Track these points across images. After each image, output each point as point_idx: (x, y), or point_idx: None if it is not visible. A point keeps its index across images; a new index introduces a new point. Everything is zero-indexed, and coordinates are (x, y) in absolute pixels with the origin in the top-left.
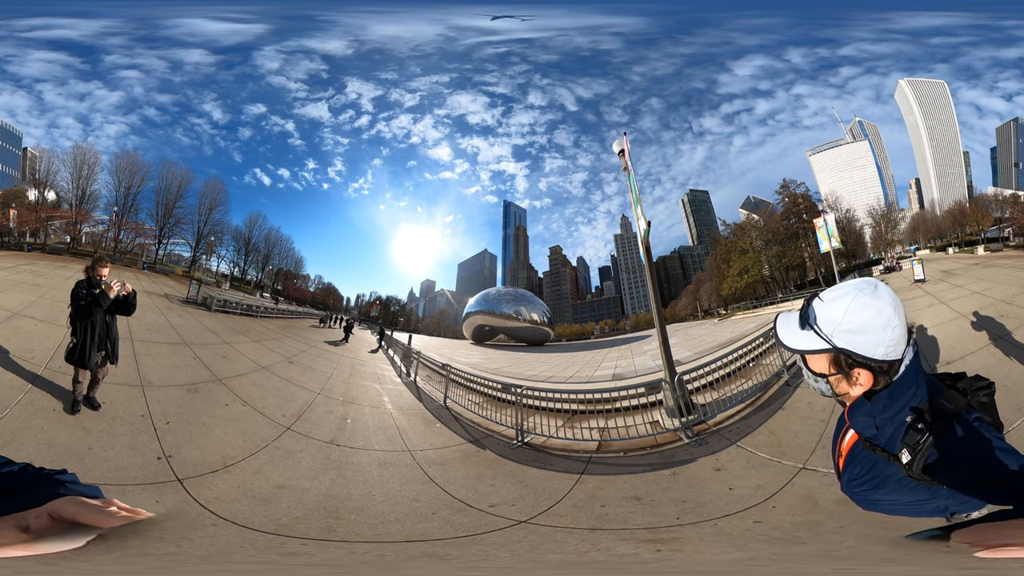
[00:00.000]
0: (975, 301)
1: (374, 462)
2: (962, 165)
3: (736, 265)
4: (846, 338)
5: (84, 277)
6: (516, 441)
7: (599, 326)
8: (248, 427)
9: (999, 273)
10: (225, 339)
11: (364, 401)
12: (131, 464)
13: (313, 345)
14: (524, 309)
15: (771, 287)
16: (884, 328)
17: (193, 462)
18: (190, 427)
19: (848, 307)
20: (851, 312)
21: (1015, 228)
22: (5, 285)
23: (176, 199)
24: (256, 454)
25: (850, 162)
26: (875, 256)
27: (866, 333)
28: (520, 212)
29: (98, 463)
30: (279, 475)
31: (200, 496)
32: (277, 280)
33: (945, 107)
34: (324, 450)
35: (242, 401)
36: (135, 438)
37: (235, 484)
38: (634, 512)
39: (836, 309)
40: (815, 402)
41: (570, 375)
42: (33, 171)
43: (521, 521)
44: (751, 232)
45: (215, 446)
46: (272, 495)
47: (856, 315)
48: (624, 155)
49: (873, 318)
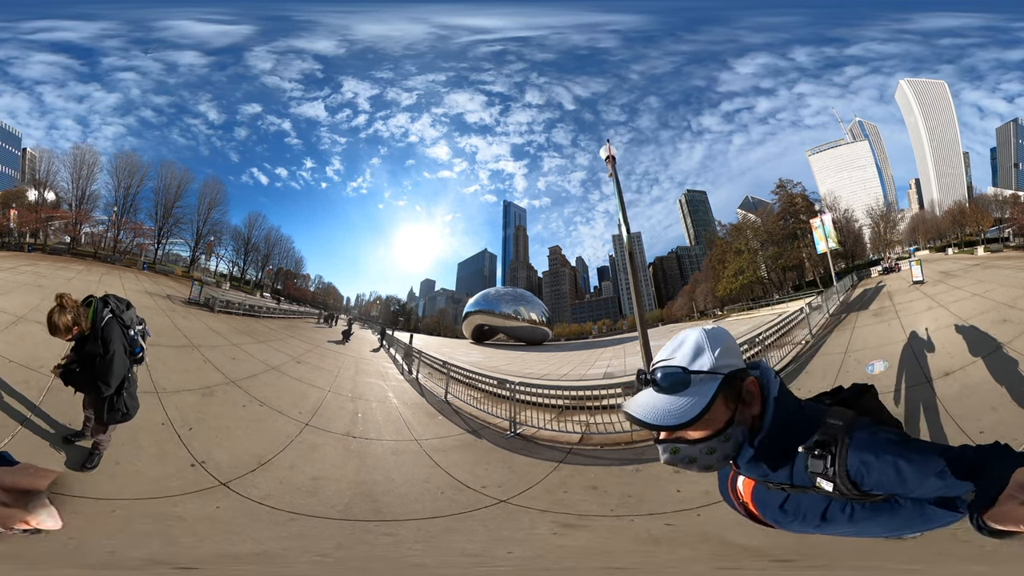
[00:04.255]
0: (975, 304)
1: (387, 451)
2: (962, 166)
3: (731, 266)
4: (724, 359)
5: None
6: (509, 432)
7: (597, 326)
8: (269, 426)
9: (1000, 274)
10: (232, 340)
11: (371, 397)
12: (165, 475)
13: (318, 345)
14: (523, 309)
15: (768, 288)
16: (728, 337)
17: (228, 465)
18: (213, 431)
19: (697, 340)
20: (703, 341)
21: (1015, 228)
22: (7, 287)
23: (175, 199)
24: (284, 451)
25: (850, 162)
26: (874, 257)
27: (726, 347)
28: (520, 212)
29: (130, 478)
30: (311, 468)
31: (253, 496)
32: (277, 280)
33: (945, 107)
34: (343, 442)
35: (259, 402)
36: (161, 447)
37: (277, 480)
38: (585, 500)
39: (692, 350)
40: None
41: (564, 373)
42: (33, 172)
43: (502, 501)
44: (747, 232)
45: (243, 447)
46: (314, 486)
47: (709, 340)
48: (611, 161)
49: (714, 337)
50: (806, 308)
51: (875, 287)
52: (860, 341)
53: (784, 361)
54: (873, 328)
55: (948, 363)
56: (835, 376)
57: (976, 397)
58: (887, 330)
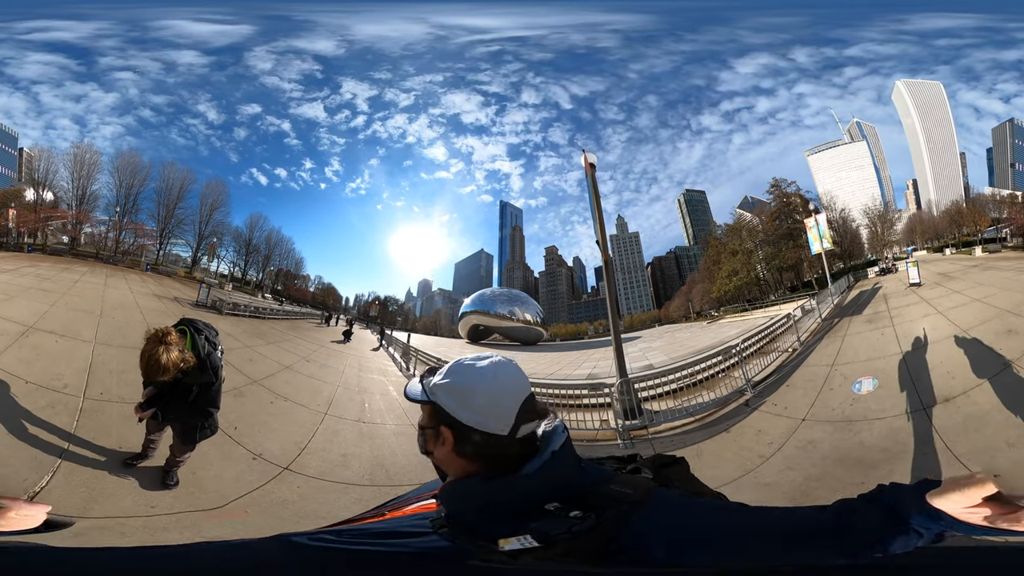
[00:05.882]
0: (977, 311)
1: (391, 432)
2: (959, 166)
3: (726, 266)
4: (440, 394)
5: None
6: None
7: (593, 326)
8: (297, 417)
9: (1000, 276)
10: (245, 343)
11: (374, 390)
12: (240, 472)
13: (322, 345)
14: (518, 309)
15: (764, 289)
16: (476, 395)
17: (280, 453)
18: (256, 427)
19: (453, 368)
20: (454, 372)
21: (1013, 229)
22: (11, 291)
23: (177, 200)
24: (315, 436)
25: (848, 163)
26: (872, 257)
27: (459, 395)
28: (516, 212)
29: (214, 480)
30: (339, 448)
31: (312, 474)
32: (278, 280)
33: (941, 108)
34: (356, 427)
35: (283, 398)
36: (220, 449)
37: (319, 460)
38: None
39: (450, 367)
40: (767, 431)
41: (551, 372)
42: (31, 171)
43: None
44: (742, 233)
45: (285, 436)
46: (345, 462)
47: (458, 376)
48: (590, 171)
49: (470, 382)
50: (795, 313)
51: (872, 289)
52: (850, 352)
53: (767, 371)
54: (865, 336)
55: (949, 385)
56: (817, 392)
57: (986, 430)
58: (880, 340)
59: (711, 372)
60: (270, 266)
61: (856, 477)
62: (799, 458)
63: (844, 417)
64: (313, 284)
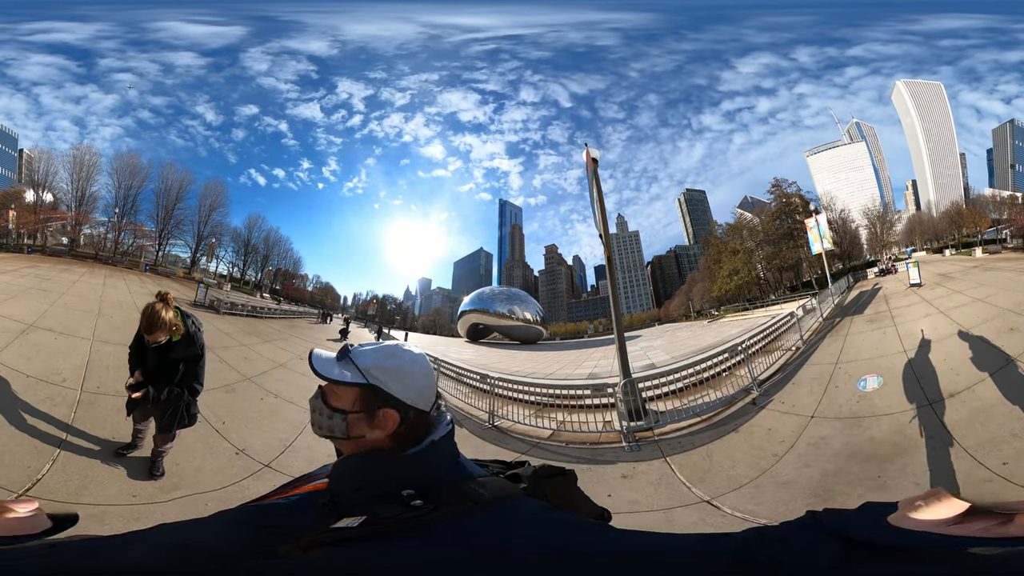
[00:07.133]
0: (978, 311)
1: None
2: (958, 167)
3: (726, 266)
4: (382, 376)
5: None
6: (488, 423)
7: (593, 325)
8: (286, 415)
9: (1000, 277)
10: (241, 341)
11: None
12: (222, 465)
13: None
14: (517, 308)
15: (764, 288)
16: (416, 375)
17: (263, 450)
18: (243, 422)
19: (388, 351)
20: (390, 356)
21: (1013, 230)
22: (11, 291)
23: (176, 200)
24: (302, 433)
25: (847, 163)
26: (871, 258)
27: (402, 377)
28: (516, 211)
29: (194, 473)
30: (326, 446)
31: (294, 472)
32: (276, 280)
33: (941, 108)
34: None
35: (273, 395)
36: (206, 442)
37: (303, 458)
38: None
39: (376, 350)
40: (777, 429)
41: (551, 372)
42: (30, 172)
43: None
44: (742, 232)
45: (270, 433)
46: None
47: (395, 359)
48: (592, 165)
49: (409, 364)
50: (798, 312)
51: (871, 289)
52: (853, 351)
53: (772, 369)
54: (867, 336)
55: (953, 381)
56: (823, 390)
57: (991, 423)
58: (882, 339)
59: (716, 371)
60: (268, 266)
61: (872, 472)
62: (813, 455)
63: (852, 414)
64: (311, 283)
